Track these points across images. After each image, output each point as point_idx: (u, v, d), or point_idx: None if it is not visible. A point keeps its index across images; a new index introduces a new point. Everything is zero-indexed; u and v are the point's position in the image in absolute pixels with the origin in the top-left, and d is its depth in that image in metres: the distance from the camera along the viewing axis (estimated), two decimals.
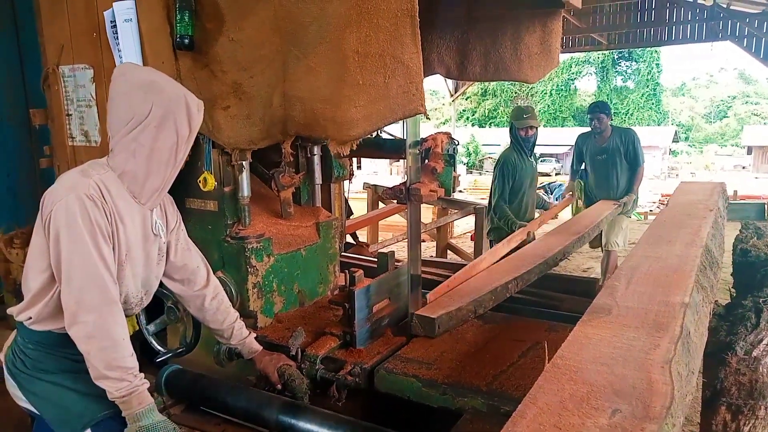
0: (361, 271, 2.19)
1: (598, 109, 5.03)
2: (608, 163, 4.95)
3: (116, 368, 1.51)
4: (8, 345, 1.72)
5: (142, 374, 1.58)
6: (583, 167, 5.27)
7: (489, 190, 4.78)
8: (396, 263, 2.46)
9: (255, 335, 2.14)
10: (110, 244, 1.56)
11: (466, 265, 3.94)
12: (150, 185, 1.63)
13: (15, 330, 1.71)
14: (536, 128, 4.39)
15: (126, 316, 1.67)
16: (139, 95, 1.55)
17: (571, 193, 5.30)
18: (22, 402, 1.67)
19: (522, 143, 4.35)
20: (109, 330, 1.52)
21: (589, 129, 5.17)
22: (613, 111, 5.36)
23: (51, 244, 1.50)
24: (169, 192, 1.77)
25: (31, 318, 1.61)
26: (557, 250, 3.03)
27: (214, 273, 2.33)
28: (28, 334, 1.64)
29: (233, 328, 2.01)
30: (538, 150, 4.72)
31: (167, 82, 1.62)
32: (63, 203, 1.49)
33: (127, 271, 1.66)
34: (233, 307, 2.34)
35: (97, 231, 1.51)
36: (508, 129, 4.54)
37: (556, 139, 30.47)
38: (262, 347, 2.06)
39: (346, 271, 2.19)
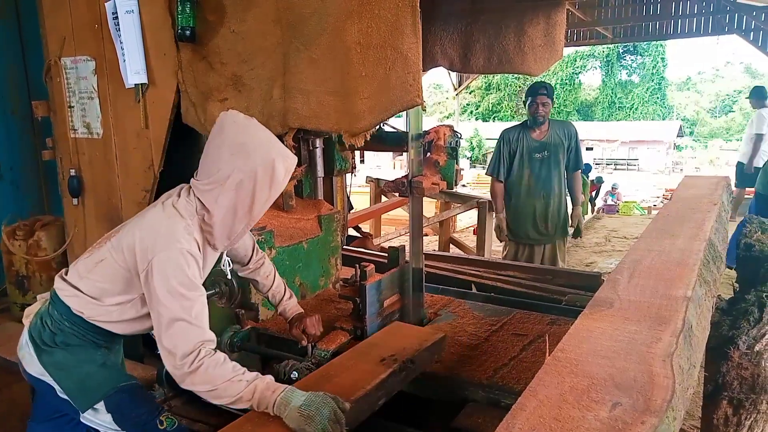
0: (372, 266, 2.18)
1: (545, 90, 3.88)
2: (550, 162, 3.90)
3: (228, 396, 1.50)
4: (35, 312, 1.73)
5: (246, 369, 1.55)
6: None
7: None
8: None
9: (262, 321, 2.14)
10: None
11: (467, 258, 3.94)
12: (223, 238, 1.66)
13: (44, 300, 1.73)
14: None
15: None
16: (225, 155, 1.57)
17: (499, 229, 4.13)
18: (35, 372, 1.68)
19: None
20: (204, 377, 1.50)
21: (513, 124, 4.26)
22: (617, 105, 4.86)
23: (152, 292, 1.52)
24: (171, 185, 1.77)
25: (83, 312, 1.65)
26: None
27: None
28: (67, 311, 1.66)
29: (271, 296, 2.07)
30: None
31: (258, 146, 1.58)
32: (165, 256, 1.52)
33: None
34: (234, 300, 2.35)
35: (197, 284, 1.56)
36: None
37: None
38: (296, 313, 2.05)
39: (357, 265, 2.18)
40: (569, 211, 4.10)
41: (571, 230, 4.18)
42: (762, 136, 6.52)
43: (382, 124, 2.85)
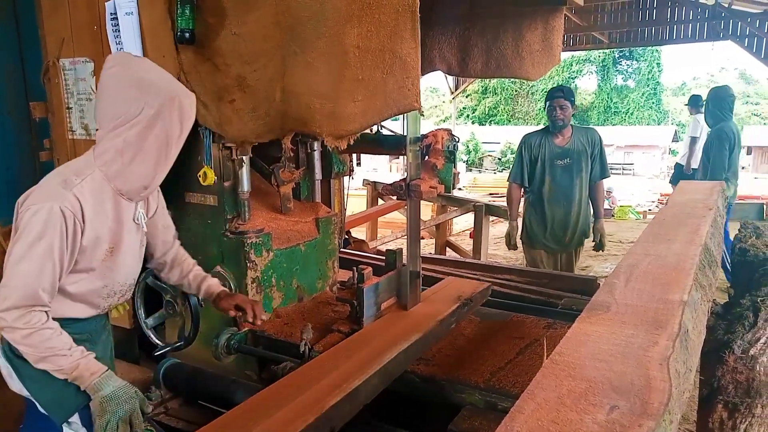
0: (370, 269, 2.19)
1: (562, 93, 3.73)
2: (572, 169, 3.75)
3: (47, 348, 1.51)
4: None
5: (81, 347, 1.57)
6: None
7: (487, 188, 4.44)
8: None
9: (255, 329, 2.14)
10: (66, 260, 1.54)
11: (464, 261, 3.95)
12: (138, 184, 1.62)
13: None
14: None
15: (109, 306, 1.74)
16: (130, 93, 1.54)
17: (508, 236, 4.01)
18: (16, 389, 1.66)
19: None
20: (24, 322, 1.50)
21: (536, 128, 4.12)
22: (613, 110, 4.89)
23: (11, 240, 1.51)
24: (168, 186, 1.77)
25: None
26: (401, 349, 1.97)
27: (213, 267, 2.35)
28: None
29: (192, 278, 2.00)
30: None
31: (161, 80, 1.59)
32: (36, 209, 1.49)
33: (115, 263, 1.68)
34: None
35: (55, 246, 1.50)
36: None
37: None
38: (223, 289, 2.03)
39: (354, 268, 2.18)
40: (590, 220, 3.93)
41: (592, 243, 3.97)
42: (696, 139, 6.84)
43: (379, 128, 2.86)
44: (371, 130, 2.73)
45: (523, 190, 3.97)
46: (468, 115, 39.28)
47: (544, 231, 3.90)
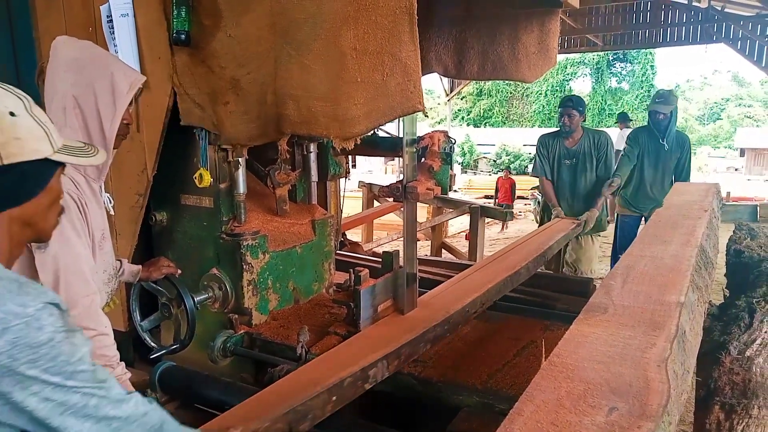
0: (367, 271, 2.18)
1: (571, 103, 4.21)
2: (576, 169, 4.22)
3: (100, 356, 1.52)
4: None
5: (123, 363, 1.59)
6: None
7: (483, 190, 4.62)
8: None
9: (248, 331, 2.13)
10: (89, 238, 1.57)
11: (459, 263, 3.96)
12: (91, 168, 1.60)
13: None
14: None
15: (108, 293, 1.73)
16: (59, 74, 1.54)
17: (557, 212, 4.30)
18: None
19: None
20: (93, 320, 1.53)
21: (552, 130, 4.48)
22: (607, 112, 4.99)
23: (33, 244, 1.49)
24: (164, 188, 1.76)
25: None
26: (489, 286, 2.44)
27: (208, 270, 2.34)
28: None
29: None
30: (530, 150, 4.47)
31: (93, 61, 1.56)
32: None
33: (106, 249, 1.69)
34: (227, 305, 2.34)
35: (79, 227, 1.52)
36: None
37: None
38: (140, 265, 2.02)
39: (351, 270, 2.18)
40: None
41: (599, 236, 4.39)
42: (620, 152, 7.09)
43: (376, 129, 2.86)
44: (371, 132, 2.73)
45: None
46: (463, 117, 39.33)
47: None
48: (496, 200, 12.18)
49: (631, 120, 6.37)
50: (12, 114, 1.01)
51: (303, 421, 1.44)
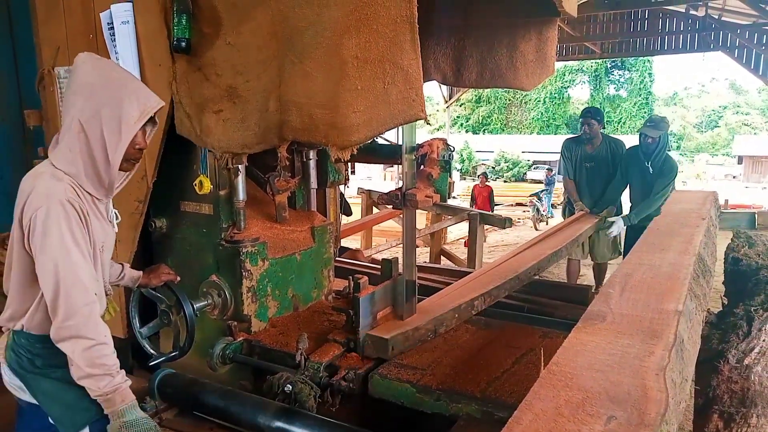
0: (366, 278, 2.18)
1: (590, 114, 4.84)
2: (595, 171, 4.76)
3: (99, 366, 1.52)
4: (5, 347, 1.70)
5: (123, 371, 1.59)
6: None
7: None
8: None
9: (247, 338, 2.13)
10: (89, 246, 1.57)
11: (459, 270, 3.96)
12: (97, 188, 1.61)
13: (9, 332, 1.70)
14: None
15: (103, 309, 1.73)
16: (68, 96, 1.55)
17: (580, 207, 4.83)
18: (28, 399, 1.67)
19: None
20: (92, 329, 1.53)
21: (575, 135, 5.01)
22: (605, 119, 5.15)
23: (35, 251, 1.51)
24: (164, 195, 1.76)
25: (23, 326, 1.61)
26: (530, 265, 3.01)
27: (208, 276, 2.34)
28: (28, 336, 1.63)
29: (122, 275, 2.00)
30: (528, 156, 4.64)
31: (106, 85, 1.55)
32: (44, 210, 1.49)
33: (104, 261, 1.71)
34: (227, 312, 2.34)
35: (79, 235, 1.52)
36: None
37: (549, 147, 30.60)
38: (141, 272, 2.04)
39: (350, 277, 2.18)
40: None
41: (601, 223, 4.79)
42: None
43: (376, 137, 2.87)
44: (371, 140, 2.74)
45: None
46: (462, 124, 39.41)
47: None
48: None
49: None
50: None
51: (440, 327, 2.30)
